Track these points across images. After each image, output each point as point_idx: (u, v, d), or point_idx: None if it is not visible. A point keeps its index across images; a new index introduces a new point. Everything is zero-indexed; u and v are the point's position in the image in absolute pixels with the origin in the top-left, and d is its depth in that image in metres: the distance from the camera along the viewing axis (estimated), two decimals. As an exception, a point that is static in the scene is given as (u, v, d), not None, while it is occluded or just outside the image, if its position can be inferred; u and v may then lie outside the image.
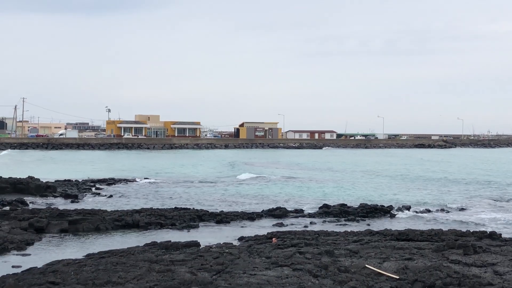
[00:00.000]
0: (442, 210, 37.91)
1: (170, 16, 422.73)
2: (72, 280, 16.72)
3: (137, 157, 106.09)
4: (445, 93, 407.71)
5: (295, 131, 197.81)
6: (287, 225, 31.77)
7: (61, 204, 38.46)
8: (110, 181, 54.78)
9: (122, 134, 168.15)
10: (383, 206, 38.00)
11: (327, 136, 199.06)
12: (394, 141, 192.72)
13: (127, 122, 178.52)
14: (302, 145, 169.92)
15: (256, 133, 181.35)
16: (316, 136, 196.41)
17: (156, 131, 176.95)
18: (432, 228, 27.79)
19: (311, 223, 32.67)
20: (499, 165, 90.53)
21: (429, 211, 37.60)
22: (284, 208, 36.75)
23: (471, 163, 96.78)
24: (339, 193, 48.60)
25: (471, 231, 26.70)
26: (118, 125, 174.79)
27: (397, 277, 17.76)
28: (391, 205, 38.63)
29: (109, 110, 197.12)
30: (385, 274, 18.00)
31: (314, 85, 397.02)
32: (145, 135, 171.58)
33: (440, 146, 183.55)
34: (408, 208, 37.88)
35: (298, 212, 36.32)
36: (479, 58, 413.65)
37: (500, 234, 26.00)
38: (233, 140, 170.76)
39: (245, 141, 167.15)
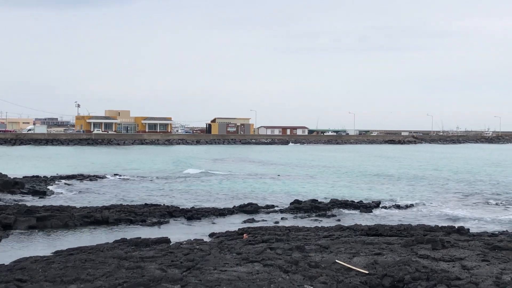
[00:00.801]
0: (412, 205, 38.28)
1: (142, 11, 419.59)
2: (40, 277, 16.48)
3: (107, 153, 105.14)
4: (415, 90, 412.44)
5: (267, 127, 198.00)
6: (258, 221, 31.79)
7: (29, 200, 37.93)
8: (79, 177, 54.19)
9: (92, 130, 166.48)
10: (353, 201, 38.28)
11: (299, 132, 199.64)
12: (365, 137, 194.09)
13: (96, 117, 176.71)
14: (274, 141, 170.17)
15: (228, 129, 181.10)
16: (288, 132, 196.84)
17: (127, 127, 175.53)
18: (401, 224, 28.10)
19: (282, 218, 32.72)
20: (468, 161, 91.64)
21: (398, 206, 37.95)
22: (256, 204, 36.78)
23: (439, 159, 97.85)
24: (310, 189, 48.77)
25: (440, 226, 27.04)
26: (88, 120, 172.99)
27: (367, 272, 17.88)
28: (361, 201, 38.91)
29: (78, 106, 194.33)
30: (355, 269, 18.10)
31: (286, 81, 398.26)
32: (115, 131, 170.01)
33: (410, 142, 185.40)
34: (378, 203, 38.18)
35: (269, 208, 36.37)
36: (449, 54, 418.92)
37: (468, 229, 26.38)
38: (204, 135, 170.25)
39: (217, 136, 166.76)
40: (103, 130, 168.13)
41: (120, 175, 57.90)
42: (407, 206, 37.99)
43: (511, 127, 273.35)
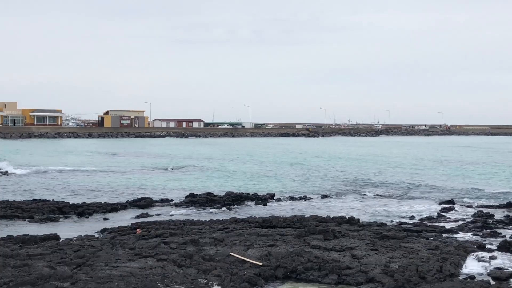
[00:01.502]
0: (305, 197, 39.05)
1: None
2: None
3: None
4: (310, 83, 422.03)
5: (162, 120, 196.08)
6: (152, 215, 31.34)
7: None
8: (-38, 173, 51.35)
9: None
10: (248, 194, 38.57)
11: (195, 125, 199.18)
12: (260, 130, 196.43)
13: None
14: (169, 134, 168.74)
15: (122, 122, 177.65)
16: (184, 125, 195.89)
17: (14, 119, 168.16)
18: (294, 215, 28.57)
19: (177, 212, 32.43)
20: (362, 156, 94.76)
21: (292, 198, 38.62)
22: (150, 198, 36.27)
23: (334, 152, 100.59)
24: (205, 182, 48.72)
25: (331, 216, 27.75)
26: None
27: (261, 263, 18.04)
28: (256, 193, 39.26)
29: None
30: (249, 261, 18.22)
31: (182, 74, 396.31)
32: (1, 124, 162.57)
33: (304, 135, 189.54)
34: (272, 196, 38.67)
35: (164, 202, 35.98)
36: (342, 48, 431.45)
37: (358, 219, 27.26)
38: (97, 129, 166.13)
39: (110, 130, 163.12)
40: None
41: (7, 169, 55.28)
42: (300, 198, 38.72)
43: (399, 120, 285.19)
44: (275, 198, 38.40)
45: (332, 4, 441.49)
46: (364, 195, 40.77)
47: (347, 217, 27.30)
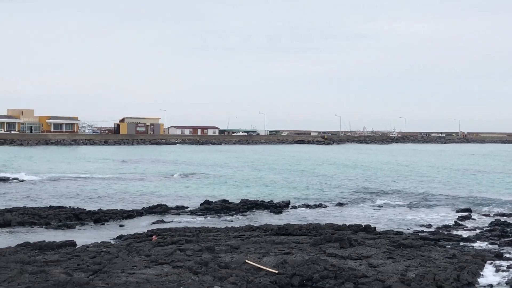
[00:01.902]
0: (321, 205, 38.93)
1: (46, 5, 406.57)
2: None
3: (10, 154, 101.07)
4: (324, 90, 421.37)
5: (177, 127, 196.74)
6: (168, 222, 31.41)
7: None
8: (-20, 179, 51.78)
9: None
10: (263, 201, 38.54)
11: (210, 132, 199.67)
12: (275, 137, 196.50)
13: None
14: (184, 141, 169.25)
15: (137, 129, 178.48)
16: (199, 132, 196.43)
17: (31, 126, 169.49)
18: (310, 223, 28.49)
19: (192, 219, 32.48)
20: (378, 164, 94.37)
21: (307, 206, 38.51)
22: (165, 205, 36.36)
23: (350, 159, 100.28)
24: (221, 189, 48.75)
25: (347, 225, 27.63)
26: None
27: (276, 271, 17.99)
28: (271, 200, 39.22)
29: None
30: (264, 269, 18.18)
31: (197, 81, 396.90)
32: (18, 131, 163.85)
33: (319, 143, 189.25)
34: (287, 203, 38.59)
35: (179, 209, 36.04)
36: (357, 56, 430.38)
37: (375, 228, 27.11)
38: (113, 136, 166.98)
39: (125, 137, 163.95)
40: (5, 130, 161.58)
41: (24, 177, 55.67)
42: (316, 206, 38.60)
43: (415, 127, 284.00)
44: (290, 205, 38.32)
45: (348, 12, 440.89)
46: (380, 203, 40.55)
47: (363, 225, 27.17)
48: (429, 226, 30.73)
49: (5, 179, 53.01)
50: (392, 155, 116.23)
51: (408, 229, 29.58)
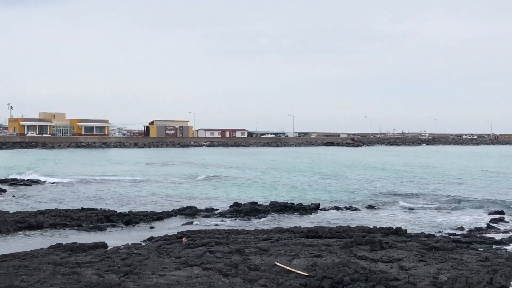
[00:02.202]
0: (351, 207, 38.70)
1: (76, 11, 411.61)
2: (-30, 285, 15.83)
3: (42, 157, 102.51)
4: (353, 92, 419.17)
5: (206, 130, 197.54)
6: (197, 224, 31.51)
7: (-41, 205, 36.50)
8: (13, 181, 52.58)
9: (26, 133, 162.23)
10: (293, 203, 38.43)
11: (238, 134, 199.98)
12: (304, 140, 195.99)
13: (30, 119, 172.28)
14: (213, 144, 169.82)
15: (167, 132, 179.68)
16: (228, 134, 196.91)
17: (62, 129, 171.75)
18: (340, 225, 28.33)
19: (221, 221, 32.55)
20: (408, 166, 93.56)
21: (337, 208, 38.31)
22: (195, 207, 36.48)
23: (380, 162, 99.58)
24: (250, 191, 48.77)
25: (378, 227, 27.40)
26: (21, 123, 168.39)
27: (307, 274, 17.91)
28: (301, 203, 39.11)
29: (11, 107, 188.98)
30: (294, 271, 18.12)
31: (225, 83, 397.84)
32: (50, 134, 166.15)
33: (349, 144, 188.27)
34: (317, 205, 38.43)
35: (209, 211, 36.14)
36: (386, 57, 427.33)
37: (406, 230, 26.84)
38: (143, 138, 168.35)
39: (155, 139, 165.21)
40: (37, 133, 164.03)
41: (56, 179, 56.44)
42: (346, 208, 38.39)
43: (446, 129, 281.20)
44: (320, 208, 38.16)
45: (377, 13, 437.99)
46: (411, 205, 40.15)
47: (394, 228, 26.92)
48: (461, 228, 30.34)
49: (37, 182, 53.79)
50: (422, 157, 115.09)
51: (439, 231, 29.25)
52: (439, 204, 40.83)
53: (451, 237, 26.83)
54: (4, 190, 46.01)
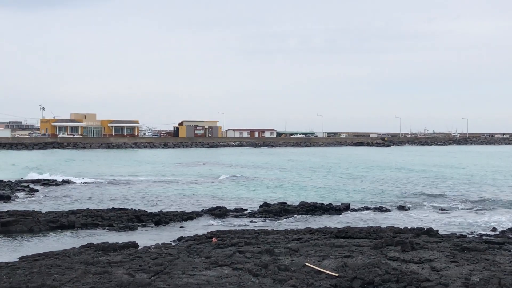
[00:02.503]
0: (381, 208, 38.43)
1: (106, 13, 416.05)
2: (5, 284, 16.07)
3: (73, 157, 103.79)
4: (383, 91, 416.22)
5: (235, 130, 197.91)
6: (227, 224, 31.59)
7: (-7, 205, 37.11)
8: (45, 182, 53.33)
9: (57, 133, 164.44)
10: (322, 204, 38.28)
11: (267, 134, 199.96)
12: (333, 140, 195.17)
13: (62, 120, 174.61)
14: (242, 144, 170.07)
15: (196, 132, 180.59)
16: (256, 134, 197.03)
17: (93, 130, 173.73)
18: (370, 226, 28.13)
19: (251, 221, 32.58)
20: (439, 167, 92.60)
21: (367, 209, 38.07)
22: (224, 207, 36.56)
23: (411, 162, 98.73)
24: (279, 191, 48.71)
25: (409, 228, 27.15)
26: (53, 123, 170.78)
27: (337, 274, 17.82)
28: (331, 203, 38.95)
29: (43, 109, 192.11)
30: (324, 272, 18.03)
31: (254, 83, 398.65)
32: (81, 134, 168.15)
33: (379, 144, 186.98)
34: (347, 206, 38.23)
35: (238, 211, 36.19)
36: (416, 56, 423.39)
37: (437, 231, 26.54)
38: (172, 139, 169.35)
39: (184, 140, 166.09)
40: (68, 133, 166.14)
41: (87, 179, 57.10)
42: (376, 208, 38.13)
43: (478, 128, 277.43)
44: (350, 208, 37.95)
45: (407, 12, 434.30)
46: (442, 206, 39.71)
47: (425, 229, 26.63)
48: (494, 229, 29.91)
49: (68, 182, 54.46)
50: (454, 157, 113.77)
51: (471, 232, 28.87)
52: (471, 205, 40.31)
53: (483, 237, 26.46)
54: (37, 190, 46.71)
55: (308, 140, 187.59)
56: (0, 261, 20.33)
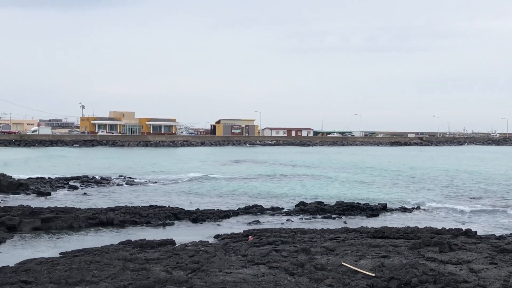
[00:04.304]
0: (419, 208, 38.05)
1: (146, 12, 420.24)
2: (45, 279, 16.41)
3: (112, 155, 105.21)
4: (421, 91, 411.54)
5: (271, 129, 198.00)
6: (263, 222, 31.64)
7: (34, 202, 37.85)
8: (84, 179, 54.11)
9: (96, 131, 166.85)
10: (359, 203, 38.07)
11: (304, 133, 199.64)
12: (370, 139, 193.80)
13: (101, 118, 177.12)
14: (278, 142, 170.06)
15: (233, 130, 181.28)
16: (293, 133, 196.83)
17: (131, 128, 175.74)
18: (408, 226, 27.88)
19: (287, 220, 32.57)
20: (479, 167, 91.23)
21: (405, 209, 37.72)
22: (261, 206, 36.64)
23: (450, 162, 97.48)
24: (316, 190, 48.59)
25: (447, 228, 26.83)
26: (92, 121, 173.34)
27: (373, 274, 17.73)
28: (367, 203, 38.71)
29: (83, 107, 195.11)
30: (361, 272, 17.96)
31: (291, 82, 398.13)
32: (119, 132, 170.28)
33: (417, 144, 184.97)
34: (384, 206, 37.94)
35: (275, 210, 36.23)
36: (455, 55, 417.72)
37: (476, 232, 26.17)
38: (209, 137, 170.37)
39: (221, 138, 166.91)
40: (107, 131, 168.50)
41: (125, 177, 57.81)
42: (413, 209, 37.76)
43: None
44: (387, 208, 37.66)
45: (448, 10, 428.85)
46: (482, 207, 39.09)
47: (463, 229, 26.30)
48: (535, 231, 29.35)
49: (107, 179, 55.22)
50: (493, 158, 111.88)
51: (511, 233, 28.36)
52: (510, 205, 39.60)
53: (524, 239, 25.98)
54: (76, 187, 47.48)
55: (344, 139, 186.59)
56: (41, 256, 20.76)
